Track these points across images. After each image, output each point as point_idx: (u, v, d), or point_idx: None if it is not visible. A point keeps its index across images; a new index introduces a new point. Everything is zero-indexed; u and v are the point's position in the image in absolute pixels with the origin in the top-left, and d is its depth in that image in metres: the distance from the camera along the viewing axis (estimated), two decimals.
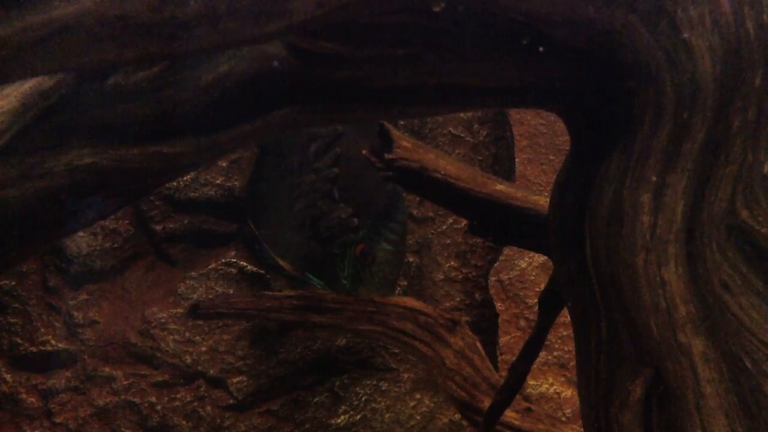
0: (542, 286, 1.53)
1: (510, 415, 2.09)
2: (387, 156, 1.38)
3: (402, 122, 2.48)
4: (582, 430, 1.48)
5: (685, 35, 0.90)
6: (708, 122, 0.98)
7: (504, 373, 1.80)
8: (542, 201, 1.37)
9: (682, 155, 0.98)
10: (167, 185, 2.82)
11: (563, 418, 2.55)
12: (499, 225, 1.41)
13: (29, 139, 0.86)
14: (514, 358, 1.50)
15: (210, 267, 2.83)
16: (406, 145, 1.39)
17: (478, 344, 2.29)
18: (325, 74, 0.92)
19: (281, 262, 1.93)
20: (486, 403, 1.96)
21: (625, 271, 1.03)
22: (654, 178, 0.99)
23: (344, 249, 1.85)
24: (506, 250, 2.75)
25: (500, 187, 1.41)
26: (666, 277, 0.99)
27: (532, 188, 2.63)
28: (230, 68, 0.91)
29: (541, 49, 0.95)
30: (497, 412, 1.59)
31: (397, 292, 2.33)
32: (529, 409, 2.10)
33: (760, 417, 0.94)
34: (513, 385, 1.50)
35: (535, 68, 1.00)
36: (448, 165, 1.40)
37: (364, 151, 1.41)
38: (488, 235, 1.47)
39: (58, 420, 2.78)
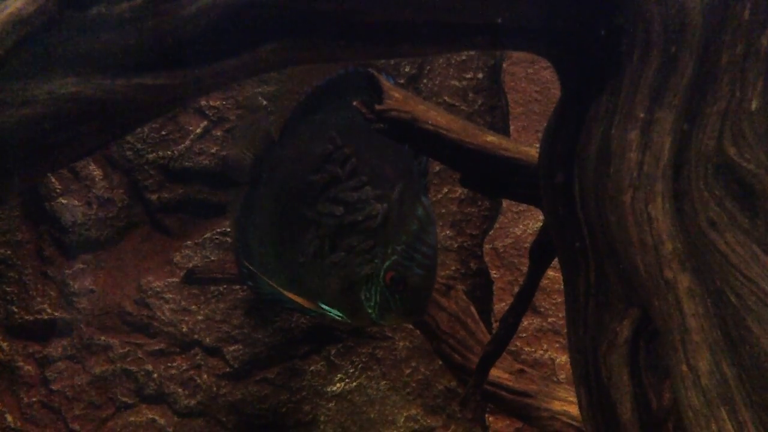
0: None
1: (503, 377, 2.10)
2: (377, 107, 1.37)
3: None
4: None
5: None
6: (696, 57, 0.97)
7: None
8: (533, 152, 1.37)
9: (669, 91, 0.98)
10: (162, 155, 2.81)
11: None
12: (490, 176, 1.41)
13: (10, 66, 0.85)
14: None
15: (205, 236, 2.84)
16: (396, 96, 1.38)
17: (472, 308, 2.30)
18: (310, 5, 0.91)
19: (290, 296, 1.84)
20: None
21: (613, 209, 1.03)
22: (642, 115, 0.99)
23: (370, 276, 1.77)
24: (501, 218, 2.75)
25: (491, 138, 1.40)
26: (653, 214, 0.99)
27: None
28: None
29: None
30: (487, 363, 1.60)
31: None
32: (522, 371, 2.11)
33: (744, 351, 0.95)
34: (503, 337, 1.50)
35: (523, 5, 0.99)
36: (439, 116, 1.40)
37: (354, 102, 1.39)
38: (479, 187, 1.47)
39: (54, 387, 2.79)
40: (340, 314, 1.83)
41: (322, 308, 1.84)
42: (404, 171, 1.80)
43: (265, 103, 2.82)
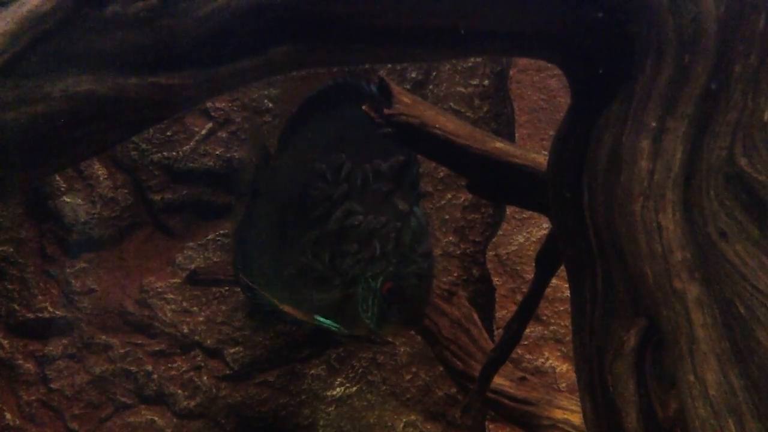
0: None
1: (505, 384, 2.09)
2: (386, 111, 1.37)
3: None
4: (577, 399, 1.49)
5: None
6: (709, 67, 0.97)
7: None
8: (540, 159, 1.37)
9: (682, 100, 0.98)
10: (166, 155, 2.82)
11: None
12: (498, 182, 1.41)
13: (26, 63, 0.86)
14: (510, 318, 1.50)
15: (208, 238, 2.84)
16: (405, 101, 1.38)
17: (475, 315, 2.29)
18: (322, 8, 0.91)
19: (285, 308, 1.85)
20: None
21: (622, 217, 1.03)
22: (653, 124, 0.99)
23: (367, 287, 1.77)
24: (504, 225, 2.75)
25: (499, 144, 1.40)
26: (663, 223, 0.99)
27: None
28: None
29: None
30: (491, 370, 1.59)
31: None
32: (523, 378, 2.11)
33: (752, 362, 0.95)
34: (508, 343, 1.50)
35: (535, 11, 1.00)
36: (447, 122, 1.40)
37: (363, 107, 1.39)
38: (486, 193, 1.47)
39: (54, 386, 2.79)
40: (337, 326, 1.84)
41: (319, 320, 1.85)
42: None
43: (271, 105, 2.83)
